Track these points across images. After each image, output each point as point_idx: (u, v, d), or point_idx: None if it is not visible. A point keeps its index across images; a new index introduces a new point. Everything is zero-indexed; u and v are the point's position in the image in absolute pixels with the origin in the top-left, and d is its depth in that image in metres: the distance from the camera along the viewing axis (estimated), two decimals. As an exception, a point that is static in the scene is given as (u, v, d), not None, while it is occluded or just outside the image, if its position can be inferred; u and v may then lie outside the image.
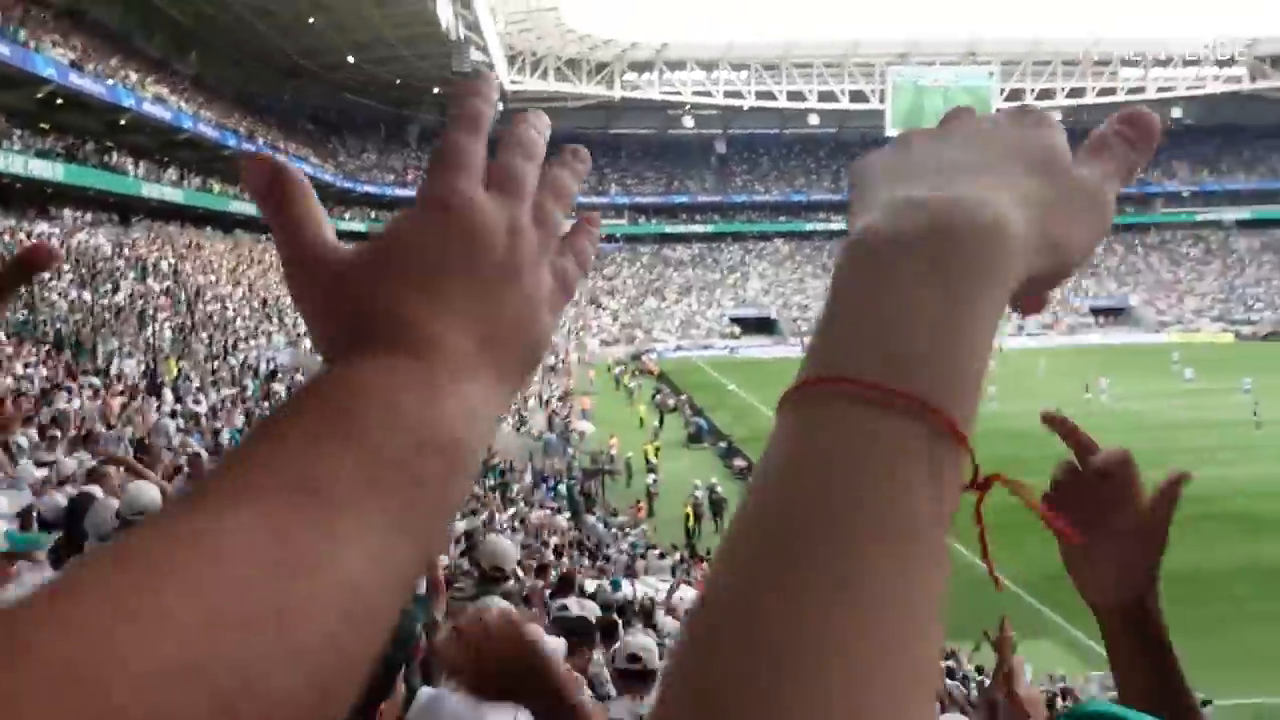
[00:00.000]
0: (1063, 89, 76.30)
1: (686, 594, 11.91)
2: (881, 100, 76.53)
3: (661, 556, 19.28)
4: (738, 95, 75.62)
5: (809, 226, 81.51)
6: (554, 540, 16.68)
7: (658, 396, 44.15)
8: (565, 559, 14.18)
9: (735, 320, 70.64)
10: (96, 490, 6.09)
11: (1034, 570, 9.52)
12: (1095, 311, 72.37)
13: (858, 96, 76.42)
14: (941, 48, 76.97)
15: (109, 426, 11.32)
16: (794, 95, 75.80)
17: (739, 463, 32.76)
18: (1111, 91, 76.07)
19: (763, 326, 70.72)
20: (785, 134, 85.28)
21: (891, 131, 77.21)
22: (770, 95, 75.60)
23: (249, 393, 25.31)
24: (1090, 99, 76.40)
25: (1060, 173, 0.44)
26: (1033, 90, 76.31)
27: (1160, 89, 75.86)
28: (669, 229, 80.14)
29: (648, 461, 31.27)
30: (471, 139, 0.49)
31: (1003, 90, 76.39)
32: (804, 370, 0.38)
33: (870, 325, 0.37)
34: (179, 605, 0.29)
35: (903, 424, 0.35)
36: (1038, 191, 0.42)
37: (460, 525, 15.03)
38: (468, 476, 0.42)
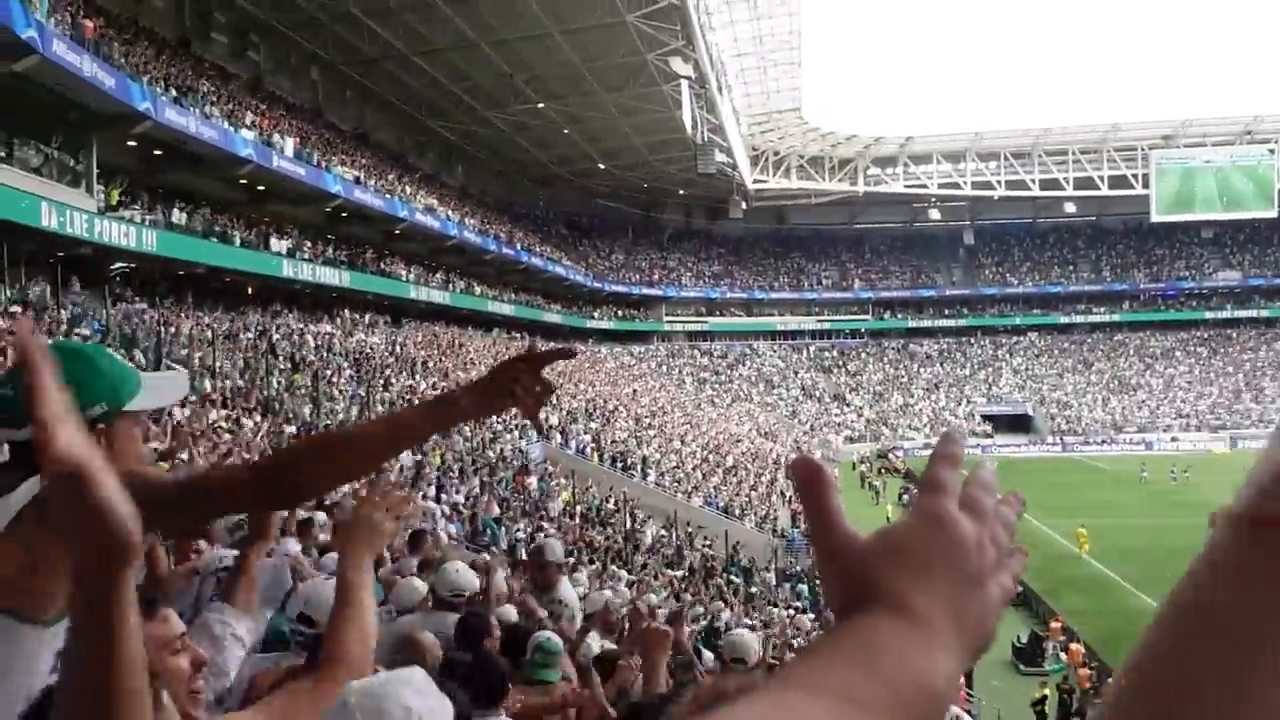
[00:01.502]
0: (1358, 165, 69.46)
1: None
2: (1145, 185, 72.12)
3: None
4: (987, 185, 73.39)
5: (1065, 319, 77.48)
6: (797, 641, 16.14)
7: (905, 496, 42.64)
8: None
9: (987, 418, 67.60)
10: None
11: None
12: None
13: (1118, 182, 72.40)
14: (1212, 126, 71.95)
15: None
16: (1047, 183, 72.74)
17: (995, 567, 30.93)
18: None
19: (1017, 424, 67.31)
20: (1039, 223, 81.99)
21: (1157, 217, 72.67)
22: (1022, 184, 72.89)
23: (502, 484, 26.34)
24: (1392, 175, 69.19)
25: None
26: (1322, 168, 69.95)
27: None
28: (915, 323, 78.22)
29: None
30: (952, 473, 0.65)
31: (1286, 169, 70.46)
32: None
33: None
34: None
35: None
36: None
37: (702, 622, 14.83)
38: None
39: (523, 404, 1.82)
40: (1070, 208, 76.67)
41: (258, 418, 19.91)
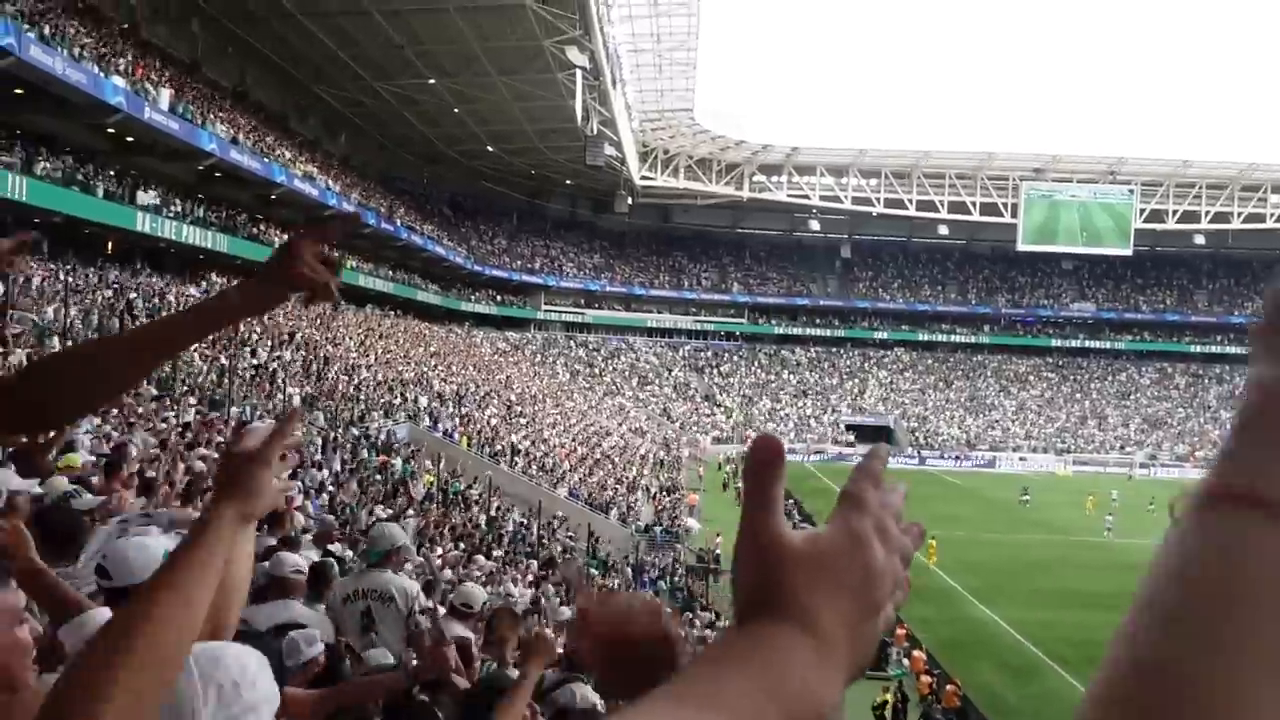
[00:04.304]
0: (1206, 213, 73.80)
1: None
2: (1014, 214, 75.31)
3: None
4: (866, 202, 75.43)
5: (931, 337, 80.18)
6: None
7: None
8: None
9: (851, 427, 69.44)
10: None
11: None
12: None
13: (989, 209, 75.36)
14: (1080, 164, 75.59)
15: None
16: (924, 205, 75.16)
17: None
18: (1260, 218, 73.31)
19: (878, 435, 69.29)
20: (913, 242, 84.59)
21: (1023, 246, 75.85)
22: (899, 203, 75.14)
23: (365, 463, 25.78)
24: (1235, 225, 73.76)
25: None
26: (1175, 212, 74.14)
27: (1311, 218, 72.98)
28: (788, 331, 79.79)
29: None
30: (876, 492, 0.66)
31: (1142, 210, 74.43)
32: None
33: None
34: None
35: None
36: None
37: (565, 611, 14.81)
38: None
39: (310, 285, 1.60)
40: (943, 230, 79.39)
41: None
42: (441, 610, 6.77)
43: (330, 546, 8.87)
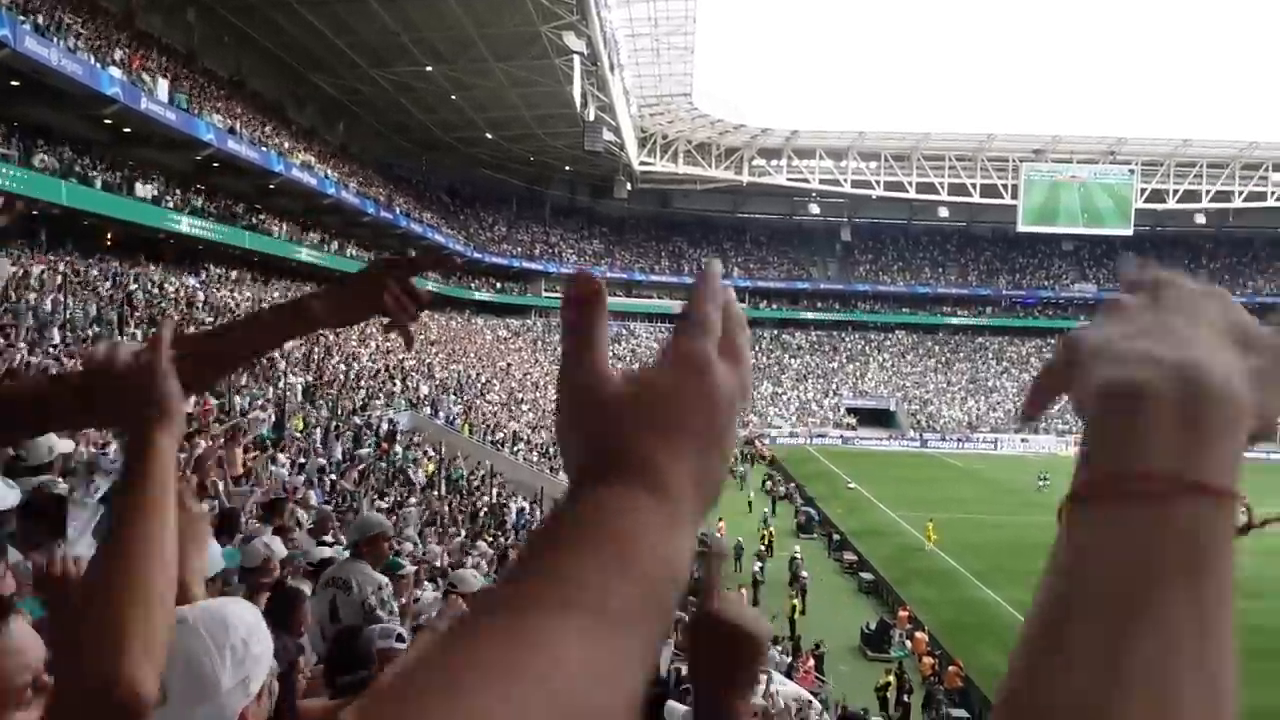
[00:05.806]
0: (1207, 192, 73.62)
1: (784, 689, 11.25)
2: (1014, 195, 75.16)
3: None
4: (866, 184, 75.25)
5: (932, 319, 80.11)
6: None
7: (768, 483, 43.56)
8: (668, 642, 13.67)
9: (852, 410, 69.48)
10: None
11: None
12: None
13: (989, 190, 75.19)
14: (1080, 145, 75.35)
15: (237, 480, 11.46)
16: (923, 186, 75.02)
17: (849, 556, 31.82)
18: (1261, 197, 73.11)
19: (880, 418, 69.37)
20: (913, 225, 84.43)
21: (1023, 227, 75.72)
22: (899, 186, 75.00)
23: (366, 451, 25.81)
24: (1236, 204, 73.57)
25: (1262, 348, 0.51)
26: (1175, 192, 73.95)
27: (1313, 195, 72.71)
28: (789, 314, 79.75)
29: (769, 548, 30.76)
30: (718, 312, 0.55)
31: (1143, 190, 74.26)
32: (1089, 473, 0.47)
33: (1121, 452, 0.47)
34: (535, 697, 0.38)
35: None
36: (1246, 362, 0.50)
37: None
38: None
39: (393, 314, 1.50)
40: (943, 212, 79.21)
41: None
42: (436, 594, 6.81)
43: (326, 536, 8.92)
